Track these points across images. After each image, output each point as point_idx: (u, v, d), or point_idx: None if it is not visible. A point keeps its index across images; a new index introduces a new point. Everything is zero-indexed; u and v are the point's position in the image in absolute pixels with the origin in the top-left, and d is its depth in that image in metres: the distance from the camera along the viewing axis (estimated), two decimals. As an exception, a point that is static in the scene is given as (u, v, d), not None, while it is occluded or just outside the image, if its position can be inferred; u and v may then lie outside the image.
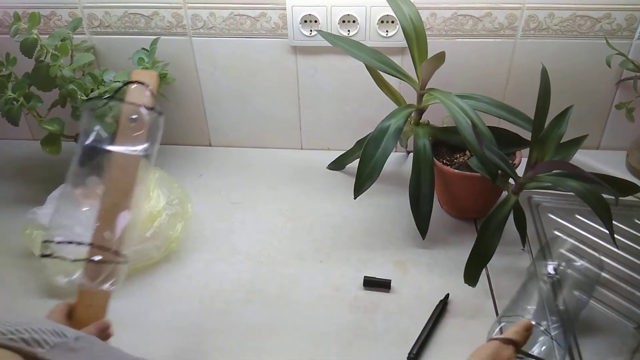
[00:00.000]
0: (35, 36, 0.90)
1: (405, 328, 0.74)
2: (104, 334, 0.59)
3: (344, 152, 1.06)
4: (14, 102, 0.92)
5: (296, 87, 1.06)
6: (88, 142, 0.62)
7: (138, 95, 0.64)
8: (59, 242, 0.60)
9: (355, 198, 0.82)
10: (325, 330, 0.74)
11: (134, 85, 0.64)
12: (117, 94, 0.64)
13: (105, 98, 0.63)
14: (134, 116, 0.62)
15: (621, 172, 1.01)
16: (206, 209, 0.96)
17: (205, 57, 1.04)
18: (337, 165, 1.07)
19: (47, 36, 0.93)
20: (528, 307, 0.69)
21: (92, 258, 0.59)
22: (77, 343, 0.36)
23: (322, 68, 1.03)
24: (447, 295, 0.77)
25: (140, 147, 0.62)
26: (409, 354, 0.70)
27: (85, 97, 0.92)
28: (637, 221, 0.90)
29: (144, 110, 0.62)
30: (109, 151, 0.61)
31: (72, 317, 0.60)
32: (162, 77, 1.01)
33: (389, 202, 0.97)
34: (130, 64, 0.99)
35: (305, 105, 1.08)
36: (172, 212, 0.86)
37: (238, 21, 0.99)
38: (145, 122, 0.63)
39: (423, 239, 0.87)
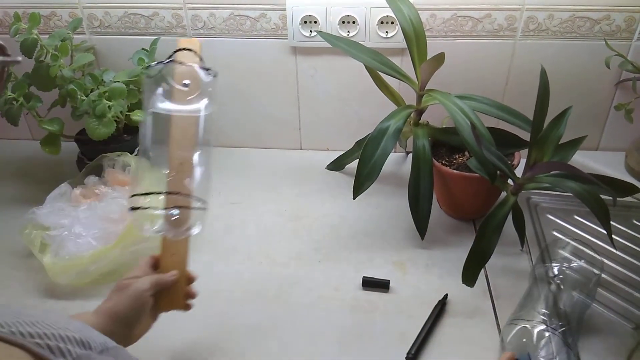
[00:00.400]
0: (35, 36, 0.90)
1: (404, 328, 0.74)
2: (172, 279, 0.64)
3: (344, 152, 1.06)
4: (14, 102, 0.92)
5: (296, 88, 1.06)
6: (151, 108, 0.66)
7: (189, 60, 0.68)
8: (148, 194, 0.64)
9: (354, 198, 0.82)
10: (324, 331, 0.74)
11: (182, 52, 0.68)
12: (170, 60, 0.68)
13: (160, 63, 0.67)
14: (186, 81, 0.66)
15: (620, 173, 1.01)
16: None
17: (205, 58, 1.04)
18: (337, 165, 1.07)
19: (47, 36, 0.93)
20: (539, 309, 0.69)
21: (171, 211, 0.64)
22: (100, 356, 0.35)
23: (321, 68, 1.03)
24: (446, 296, 0.78)
25: (196, 108, 0.66)
26: (408, 353, 0.70)
27: (84, 97, 0.92)
28: (635, 222, 0.90)
29: (199, 69, 0.67)
30: (169, 115, 0.66)
31: (158, 267, 0.66)
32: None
33: (388, 203, 0.97)
34: (130, 64, 0.99)
35: (305, 105, 1.08)
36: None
37: (238, 22, 0.99)
38: (198, 85, 0.67)
39: (422, 239, 0.87)
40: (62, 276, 0.80)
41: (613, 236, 0.75)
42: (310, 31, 0.97)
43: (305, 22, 0.97)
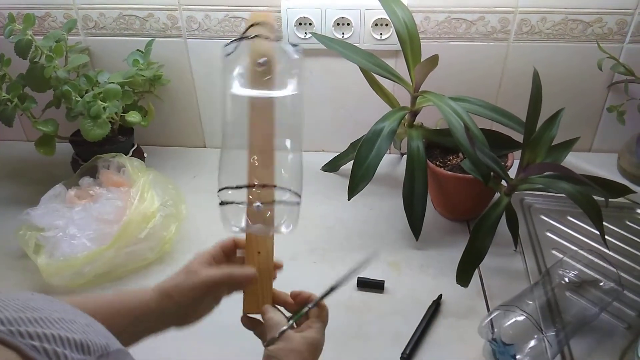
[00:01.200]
0: (30, 37, 0.90)
1: (399, 328, 0.74)
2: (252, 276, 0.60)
3: (338, 153, 1.06)
4: (8, 103, 0.92)
5: (291, 89, 1.06)
6: (230, 90, 0.59)
7: (266, 34, 0.60)
8: (237, 187, 0.58)
9: (349, 199, 0.82)
10: (319, 331, 0.74)
11: (256, 27, 0.60)
12: (246, 36, 0.60)
13: (234, 41, 0.60)
14: (261, 60, 0.59)
15: (613, 175, 1.02)
16: (200, 210, 0.96)
17: (200, 59, 1.05)
18: (332, 166, 1.07)
19: (42, 37, 0.93)
20: (529, 302, 0.70)
21: (255, 204, 0.58)
22: None
23: (316, 70, 1.03)
24: (440, 296, 0.78)
25: (276, 89, 0.59)
26: (402, 353, 0.70)
27: (79, 98, 0.92)
28: (628, 223, 0.91)
29: (284, 45, 0.60)
30: (247, 97, 0.59)
31: (234, 255, 0.62)
32: (157, 79, 1.01)
33: (382, 204, 0.98)
34: (125, 65, 0.99)
35: (300, 107, 1.08)
36: (166, 213, 0.86)
37: (233, 23, 0.99)
38: (274, 64, 0.59)
39: (416, 240, 0.87)
40: (57, 277, 0.79)
41: (606, 237, 0.76)
42: (305, 33, 0.98)
43: (300, 23, 0.97)
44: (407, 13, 0.87)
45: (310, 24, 0.97)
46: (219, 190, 0.59)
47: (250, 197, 0.59)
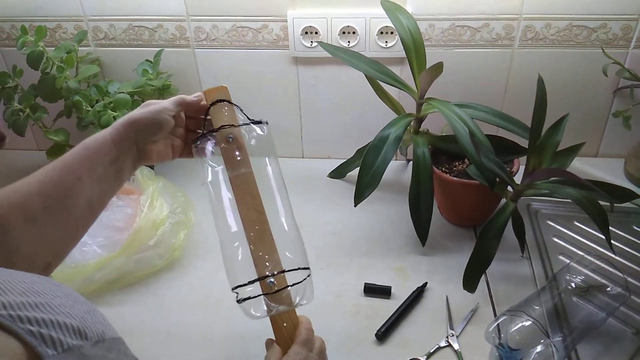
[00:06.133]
0: (42, 49, 0.92)
1: (406, 334, 0.74)
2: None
3: (345, 160, 1.07)
4: (20, 113, 0.94)
5: (297, 97, 1.07)
6: (208, 179, 0.64)
7: (226, 116, 0.65)
8: (249, 282, 0.61)
9: (355, 206, 0.83)
10: (326, 337, 0.74)
11: (216, 106, 0.66)
12: (208, 126, 0.65)
13: (200, 137, 0.64)
14: (230, 136, 0.64)
15: (619, 180, 1.02)
16: (209, 217, 0.97)
17: (208, 68, 1.06)
18: (338, 173, 1.08)
19: (53, 49, 0.95)
20: (536, 307, 0.70)
21: (268, 281, 0.60)
22: (93, 349, 0.34)
23: (322, 78, 1.04)
24: (425, 284, 0.81)
25: (249, 163, 0.63)
26: (377, 331, 0.74)
27: (90, 108, 0.93)
28: (635, 228, 0.90)
29: (252, 126, 0.65)
30: (227, 179, 0.63)
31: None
32: (166, 88, 1.03)
33: (389, 210, 0.98)
34: (134, 75, 1.01)
35: (307, 114, 1.10)
36: (175, 220, 0.87)
37: (240, 33, 1.01)
38: (241, 137, 0.64)
39: (423, 245, 0.88)
40: (67, 284, 0.80)
41: (613, 242, 0.76)
42: (311, 42, 0.99)
43: (306, 32, 0.98)
44: (412, 21, 0.88)
45: (316, 32, 0.98)
46: (233, 289, 0.61)
47: (265, 280, 0.61)
